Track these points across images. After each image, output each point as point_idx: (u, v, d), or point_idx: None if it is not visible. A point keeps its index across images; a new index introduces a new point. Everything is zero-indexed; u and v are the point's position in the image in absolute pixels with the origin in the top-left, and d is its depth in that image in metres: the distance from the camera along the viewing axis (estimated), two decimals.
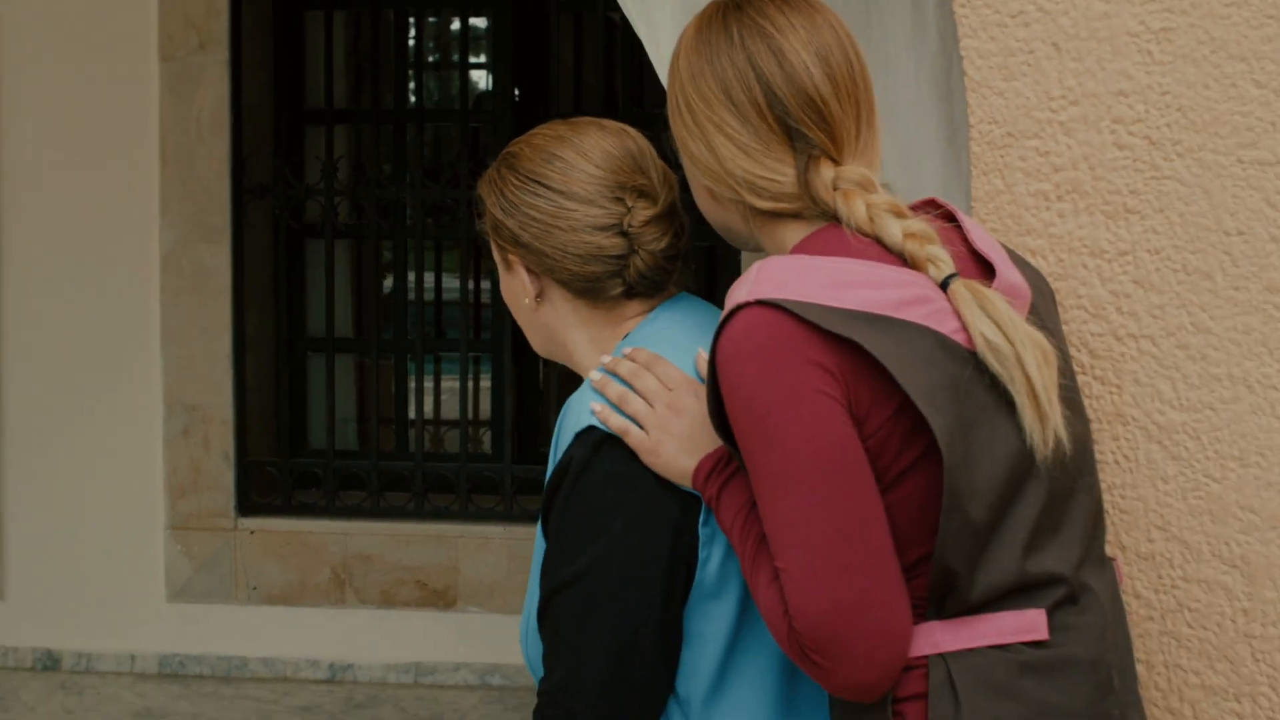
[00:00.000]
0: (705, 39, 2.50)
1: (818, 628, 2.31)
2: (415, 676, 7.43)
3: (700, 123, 2.48)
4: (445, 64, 9.12)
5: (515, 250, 2.70)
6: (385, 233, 7.93)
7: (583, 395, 2.64)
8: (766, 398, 2.33)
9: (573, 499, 2.57)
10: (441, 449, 8.17)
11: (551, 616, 2.58)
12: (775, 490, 2.33)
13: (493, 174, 2.78)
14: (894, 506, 2.35)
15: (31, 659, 7.56)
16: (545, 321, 2.76)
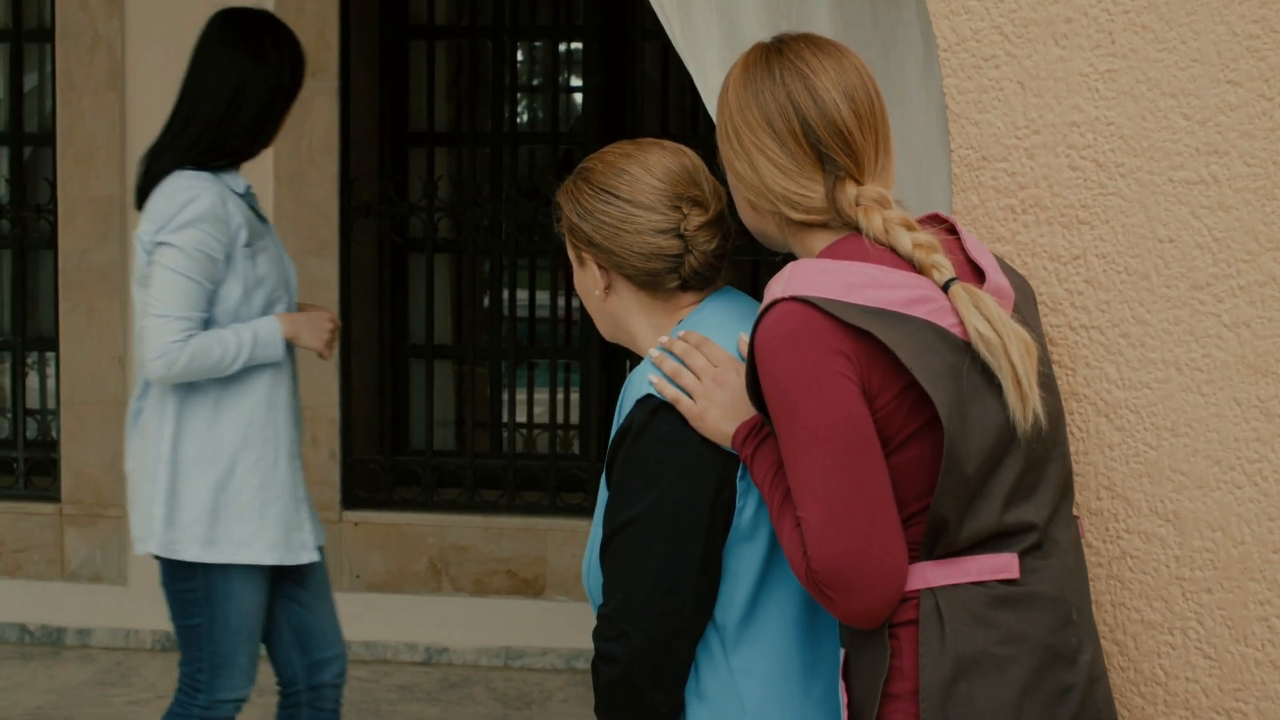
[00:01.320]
0: (751, 76, 2.80)
1: (831, 567, 2.62)
2: (505, 660, 7.59)
3: (746, 146, 2.79)
4: (539, 88, 9.29)
5: (589, 249, 3.02)
6: (482, 248, 8.12)
7: (643, 369, 2.94)
8: (794, 376, 2.64)
9: (633, 454, 2.88)
10: (533, 450, 8.27)
11: (611, 552, 2.88)
12: (798, 452, 2.65)
13: (569, 185, 3.07)
14: (897, 468, 2.66)
15: (151, 641, 7.77)
16: (612, 310, 3.08)
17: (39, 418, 8.38)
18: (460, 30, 8.64)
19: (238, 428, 4.62)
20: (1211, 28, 2.87)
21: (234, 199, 4.59)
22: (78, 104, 7.68)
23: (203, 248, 4.48)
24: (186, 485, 4.60)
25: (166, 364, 4.48)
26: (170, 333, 4.47)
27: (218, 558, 4.59)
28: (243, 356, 4.52)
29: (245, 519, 4.62)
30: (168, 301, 4.48)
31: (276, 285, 4.67)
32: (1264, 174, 2.87)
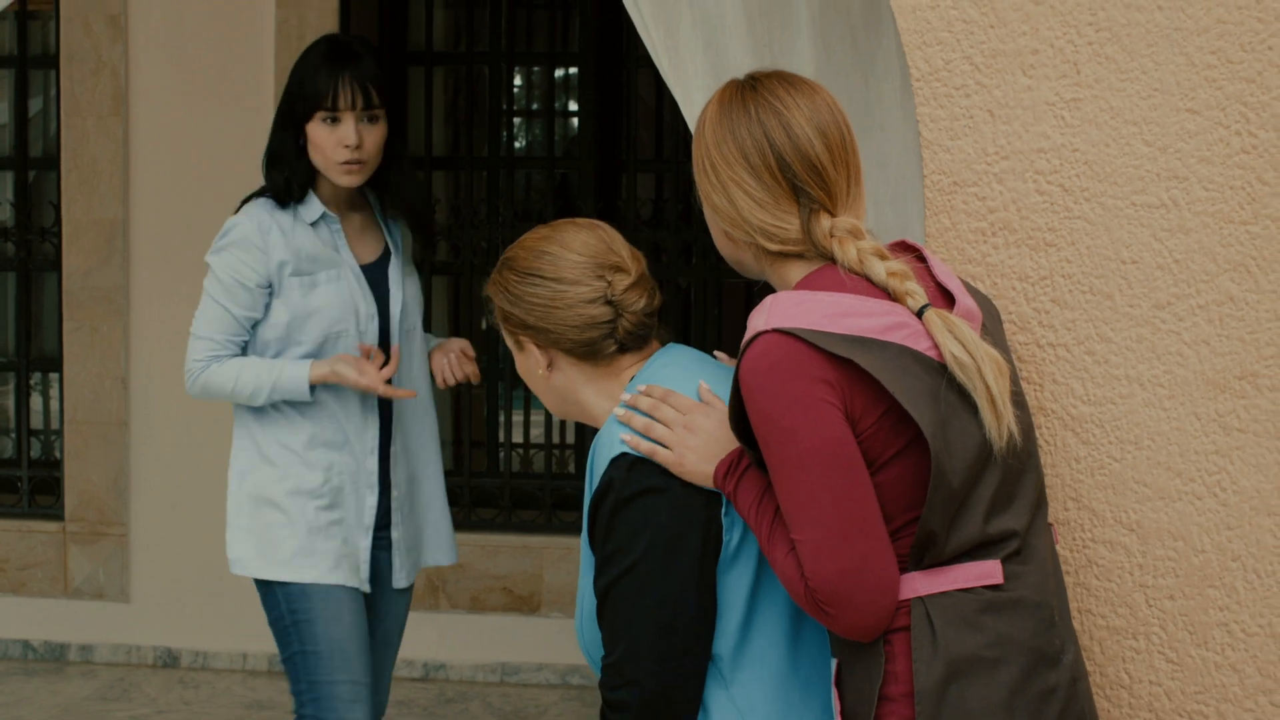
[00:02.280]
0: (727, 112, 2.88)
1: (829, 585, 2.70)
2: (501, 676, 7.62)
3: (723, 180, 2.87)
4: (535, 113, 9.32)
5: (525, 333, 3.12)
6: (479, 270, 8.08)
7: (610, 430, 3.00)
8: (782, 405, 2.72)
9: (618, 511, 2.92)
10: (529, 469, 8.28)
11: (609, 605, 2.92)
12: (790, 478, 2.73)
13: (496, 277, 3.18)
14: (883, 485, 2.74)
15: (153, 657, 7.79)
16: (558, 386, 3.15)
17: (42, 437, 8.43)
18: (458, 56, 8.68)
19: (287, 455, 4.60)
20: (1171, 58, 2.96)
21: (294, 229, 4.54)
22: (82, 128, 7.75)
23: (234, 274, 4.48)
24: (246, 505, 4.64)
25: (189, 380, 4.57)
26: (195, 351, 4.54)
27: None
28: (263, 394, 4.50)
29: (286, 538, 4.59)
30: (199, 321, 4.56)
31: (339, 318, 4.57)
32: (1221, 198, 2.95)
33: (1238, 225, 2.96)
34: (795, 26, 3.63)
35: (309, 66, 4.56)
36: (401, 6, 8.26)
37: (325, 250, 4.59)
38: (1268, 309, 2.94)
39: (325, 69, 4.53)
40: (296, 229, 4.55)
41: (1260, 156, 2.94)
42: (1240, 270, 2.95)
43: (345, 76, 4.52)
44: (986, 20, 3.06)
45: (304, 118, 4.54)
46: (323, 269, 4.57)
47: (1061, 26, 3.02)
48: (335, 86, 4.51)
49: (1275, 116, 2.92)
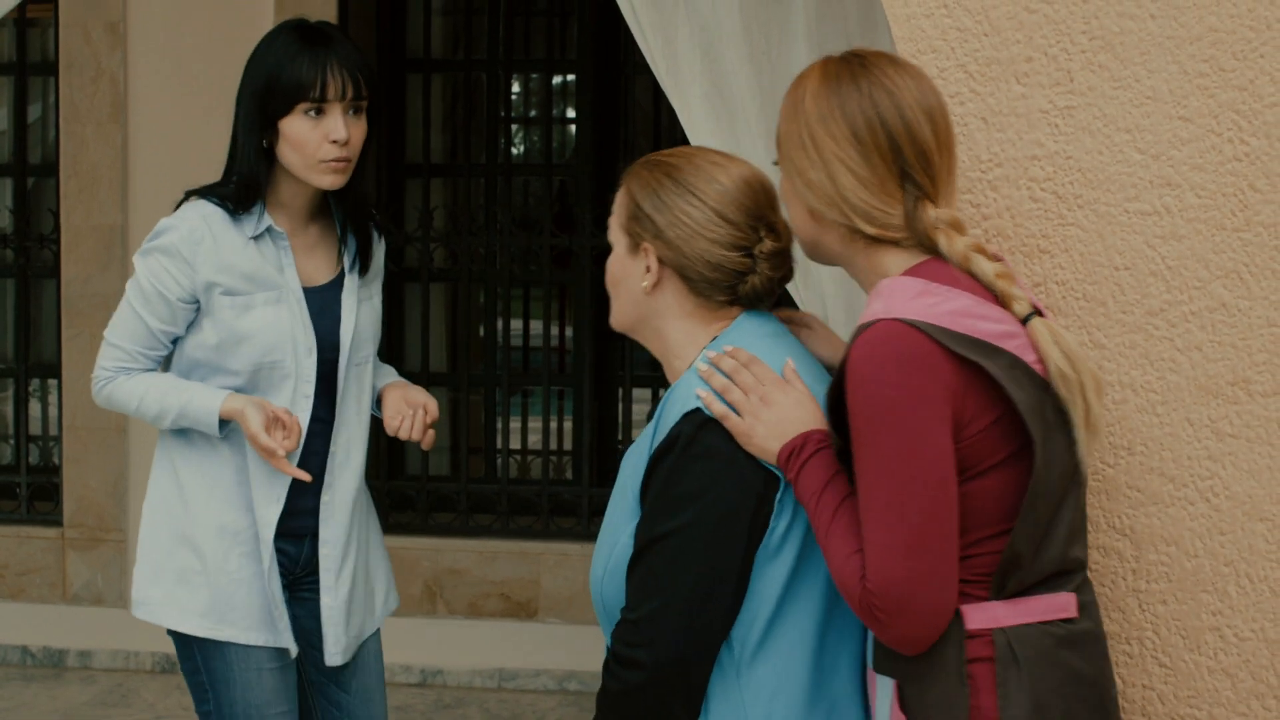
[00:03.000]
0: (834, 87, 2.79)
1: (890, 591, 2.63)
2: (499, 681, 7.62)
3: (825, 156, 2.77)
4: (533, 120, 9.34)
5: (654, 242, 3.00)
6: (477, 277, 8.16)
7: (688, 382, 2.94)
8: (894, 399, 2.63)
9: (677, 466, 2.87)
10: (527, 475, 8.29)
11: (647, 560, 2.88)
12: (880, 475, 2.65)
13: (647, 175, 3.05)
14: (974, 495, 2.69)
15: (151, 662, 7.82)
16: (652, 305, 3.05)
17: (41, 443, 8.44)
18: (456, 63, 8.74)
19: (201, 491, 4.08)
20: (1164, 66, 2.98)
21: (231, 243, 3.97)
22: (81, 135, 7.77)
23: (156, 282, 3.95)
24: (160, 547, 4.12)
25: (95, 388, 4.15)
26: (103, 358, 4.09)
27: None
28: (168, 417, 3.99)
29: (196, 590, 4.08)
30: (113, 326, 4.07)
31: (274, 346, 3.98)
32: (1214, 205, 2.97)
33: (1230, 232, 2.97)
34: (792, 34, 3.65)
35: (282, 54, 3.94)
36: (400, 13, 8.28)
37: (266, 269, 4.00)
38: (1260, 315, 2.95)
39: (307, 55, 3.91)
40: (234, 243, 3.97)
41: (1252, 164, 2.95)
42: (1233, 277, 2.97)
43: (332, 63, 3.92)
44: (980, 29, 3.07)
45: (281, 112, 3.92)
46: (260, 290, 3.99)
47: (1055, 35, 3.03)
48: (322, 74, 3.91)
49: (1267, 124, 2.94)
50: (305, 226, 4.11)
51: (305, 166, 3.96)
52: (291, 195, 4.05)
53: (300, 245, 4.09)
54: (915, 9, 3.11)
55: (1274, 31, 2.93)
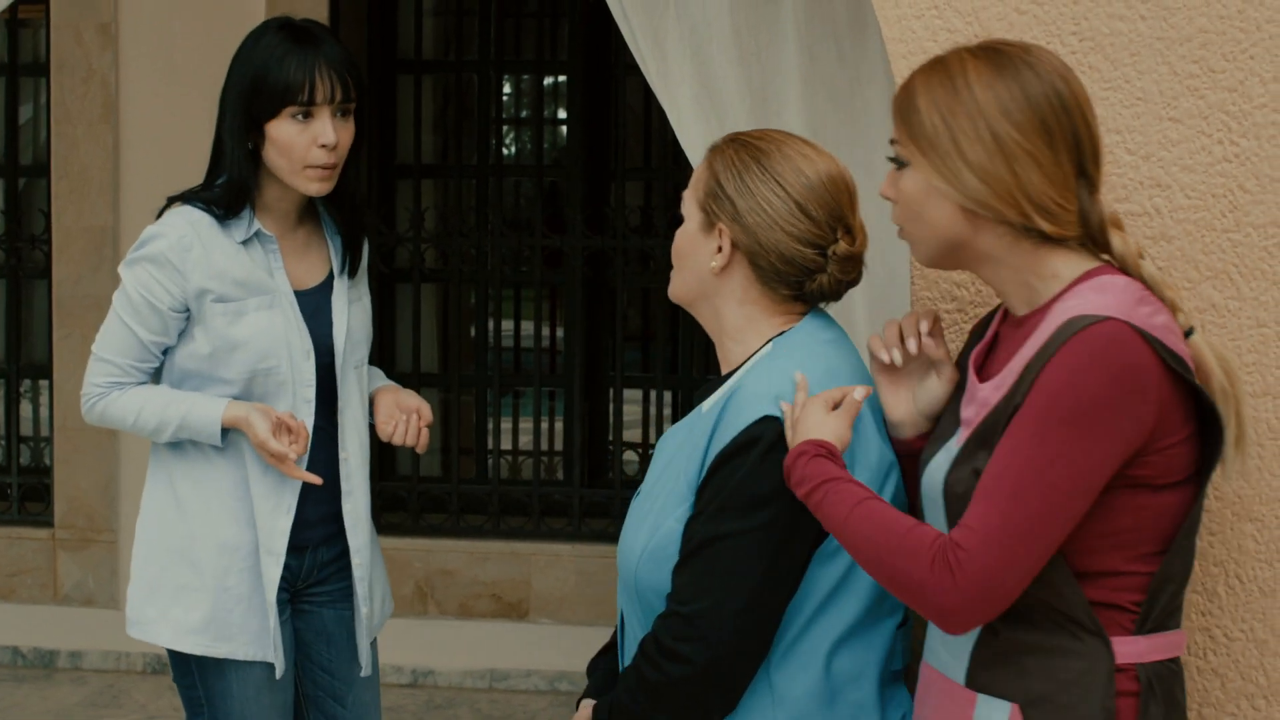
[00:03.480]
0: (1012, 74, 2.64)
1: (973, 565, 2.53)
2: (490, 682, 7.64)
3: (1008, 148, 2.60)
4: (524, 121, 9.36)
5: (732, 225, 2.98)
6: (468, 278, 8.19)
7: (763, 381, 2.93)
8: (1092, 403, 2.51)
9: (756, 469, 2.86)
10: (518, 476, 8.30)
11: (707, 556, 2.87)
12: (1029, 463, 2.53)
13: (732, 154, 3.02)
14: (1151, 508, 2.60)
15: (142, 663, 7.82)
16: (717, 286, 3.05)
17: (32, 444, 8.43)
18: (447, 64, 8.77)
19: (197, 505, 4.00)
20: (1154, 68, 2.99)
21: (221, 249, 3.90)
22: (72, 136, 7.77)
23: (145, 292, 3.87)
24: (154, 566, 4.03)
25: (85, 405, 4.02)
26: (94, 374, 3.98)
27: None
28: (166, 433, 3.91)
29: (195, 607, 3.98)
30: (102, 340, 3.98)
31: (268, 352, 3.91)
32: (1203, 206, 2.97)
33: (1220, 233, 2.97)
34: (781, 36, 3.65)
35: (269, 54, 3.84)
36: (391, 15, 8.30)
37: (257, 274, 3.93)
38: (1249, 316, 2.96)
39: (295, 56, 3.82)
40: (224, 249, 3.90)
41: (1242, 165, 2.96)
42: (1222, 277, 2.97)
43: (320, 64, 3.83)
44: (971, 30, 3.08)
45: (268, 115, 3.84)
46: (253, 295, 3.91)
47: (1045, 36, 3.04)
48: (311, 76, 3.82)
49: (1257, 125, 2.95)
50: (294, 229, 4.05)
51: (291, 171, 3.88)
52: (277, 198, 3.99)
53: (289, 248, 4.02)
54: (906, 10, 3.12)
55: (1263, 33, 2.95)
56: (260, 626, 3.97)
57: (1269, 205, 2.95)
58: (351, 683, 4.20)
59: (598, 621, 7.47)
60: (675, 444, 3.09)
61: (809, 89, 3.62)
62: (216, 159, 3.97)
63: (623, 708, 3.01)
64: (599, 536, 7.73)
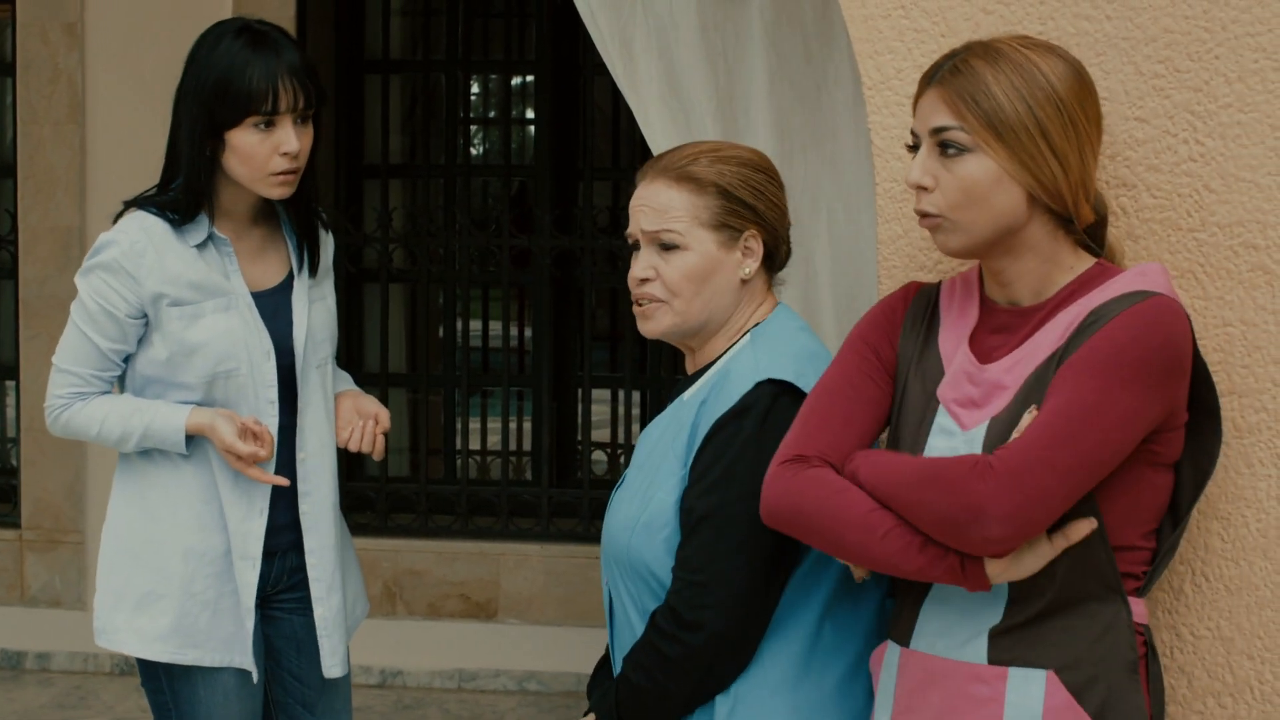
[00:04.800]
0: (1079, 71, 2.76)
1: (1003, 490, 2.58)
2: (459, 682, 7.61)
3: (1084, 140, 2.72)
4: (492, 121, 9.37)
5: (759, 227, 3.15)
6: (436, 278, 8.19)
7: (754, 364, 3.06)
8: (1144, 363, 2.62)
9: (754, 433, 2.98)
10: (486, 476, 8.30)
11: (714, 523, 2.97)
12: (1077, 410, 2.61)
13: (730, 171, 3.13)
14: (1162, 488, 2.75)
15: (110, 664, 7.78)
16: (739, 296, 3.17)
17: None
18: (414, 64, 8.77)
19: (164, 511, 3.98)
20: (1120, 67, 3.00)
21: (175, 253, 3.87)
22: (38, 135, 7.74)
23: (102, 301, 3.85)
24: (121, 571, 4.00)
25: (49, 418, 4.00)
26: (56, 385, 3.95)
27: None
28: (130, 442, 3.89)
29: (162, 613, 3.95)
30: (62, 351, 3.95)
31: (228, 354, 3.89)
32: (1169, 205, 2.98)
33: (1185, 232, 2.98)
34: (749, 36, 3.66)
35: (231, 61, 3.82)
36: (358, 14, 8.29)
37: (212, 276, 3.90)
38: (1215, 316, 2.96)
39: (257, 64, 3.80)
40: (178, 253, 3.88)
41: (1207, 164, 2.97)
42: (1188, 277, 2.98)
43: (283, 73, 3.80)
44: (938, 29, 3.09)
45: (230, 123, 3.81)
46: (209, 298, 3.89)
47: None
48: (274, 85, 3.80)
49: (1222, 125, 2.96)
50: (249, 230, 4.02)
51: (253, 179, 3.86)
52: (233, 201, 3.96)
53: (245, 250, 3.99)
54: (872, 10, 3.13)
55: (1228, 33, 2.95)
56: (229, 632, 3.95)
57: (1234, 205, 2.95)
58: (322, 689, 4.15)
59: (566, 621, 7.48)
60: (657, 433, 3.19)
61: (776, 88, 3.63)
62: (172, 163, 3.94)
63: (635, 690, 3.06)
64: (568, 536, 7.73)
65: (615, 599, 3.20)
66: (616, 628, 3.22)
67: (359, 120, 8.35)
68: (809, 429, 2.88)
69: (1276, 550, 2.96)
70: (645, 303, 3.19)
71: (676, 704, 3.04)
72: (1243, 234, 2.95)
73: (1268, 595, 2.96)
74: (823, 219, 3.62)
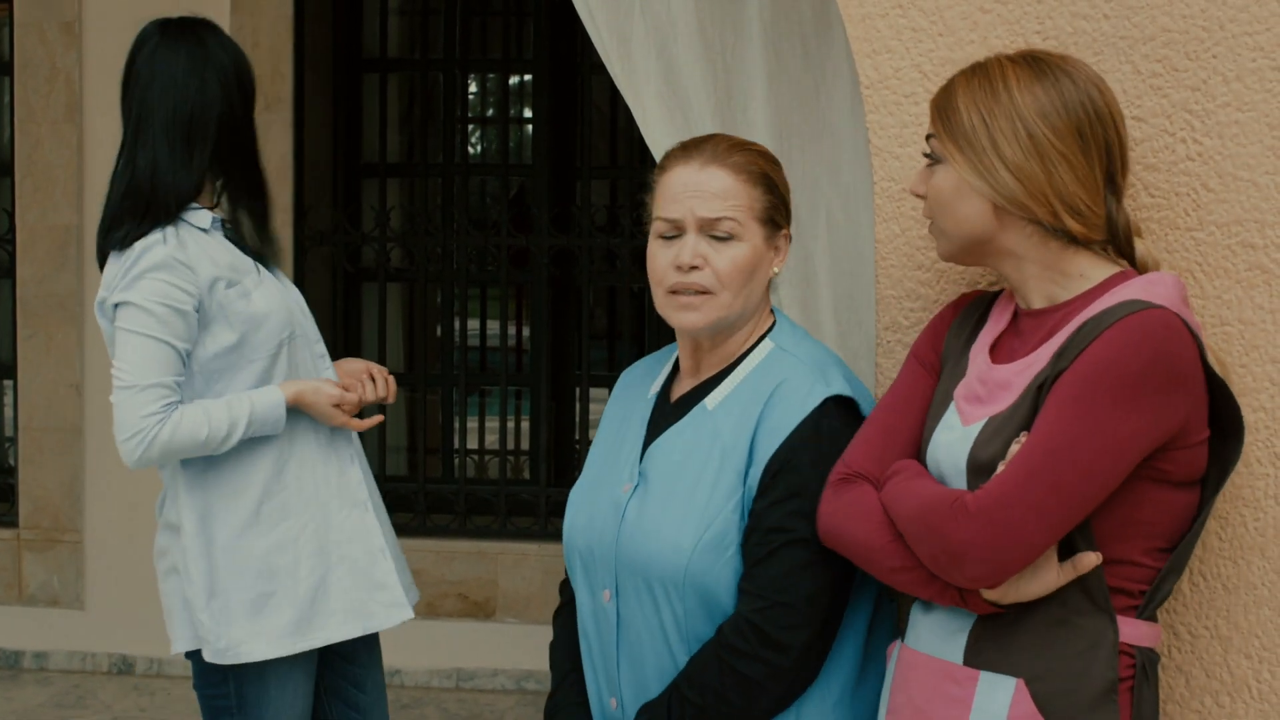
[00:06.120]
0: (1051, 83, 2.72)
1: (994, 516, 2.58)
2: (457, 681, 7.66)
3: (1044, 149, 2.69)
4: (489, 120, 9.38)
5: (788, 224, 3.16)
6: (434, 277, 8.20)
7: (808, 372, 3.06)
8: (1133, 381, 2.57)
9: (829, 451, 2.97)
10: (484, 475, 8.32)
11: (800, 547, 2.94)
12: (1068, 433, 2.58)
13: (770, 167, 3.13)
14: (1174, 505, 2.69)
15: (108, 664, 7.81)
16: (765, 295, 3.17)
17: None
18: (412, 63, 8.77)
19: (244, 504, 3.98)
20: (1117, 66, 2.99)
21: (202, 238, 3.92)
22: (36, 134, 7.76)
23: (164, 300, 3.79)
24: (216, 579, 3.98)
25: (141, 442, 3.78)
26: (143, 405, 3.78)
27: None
28: (237, 433, 3.84)
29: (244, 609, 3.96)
30: (136, 369, 3.79)
31: (287, 319, 3.97)
32: (1167, 204, 2.97)
33: (1183, 231, 2.97)
34: (747, 34, 3.65)
35: (236, 50, 4.03)
36: (356, 14, 8.29)
37: (234, 255, 3.97)
38: (1213, 314, 2.96)
39: (242, 56, 4.06)
40: (202, 240, 3.92)
41: (1205, 163, 2.96)
42: (1186, 276, 2.97)
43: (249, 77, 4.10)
44: (935, 29, 3.08)
45: (249, 111, 4.05)
46: (245, 275, 3.95)
47: (1009, 35, 3.04)
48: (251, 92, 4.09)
49: (1220, 124, 2.95)
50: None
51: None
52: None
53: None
54: (870, 9, 3.12)
55: (1226, 32, 2.95)
56: (355, 596, 4.05)
57: (1232, 204, 2.95)
58: (371, 667, 4.23)
59: None
60: (683, 446, 3.12)
61: (774, 87, 3.62)
62: (133, 172, 4.00)
63: (700, 712, 3.02)
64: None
65: (630, 616, 3.13)
66: (626, 645, 3.15)
67: (357, 119, 8.35)
68: (856, 446, 2.94)
69: (1274, 549, 2.95)
70: (688, 293, 3.10)
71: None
72: (1240, 233, 2.95)
73: (1265, 594, 2.96)
74: (821, 218, 3.60)
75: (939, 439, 2.84)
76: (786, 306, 3.58)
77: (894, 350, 3.20)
